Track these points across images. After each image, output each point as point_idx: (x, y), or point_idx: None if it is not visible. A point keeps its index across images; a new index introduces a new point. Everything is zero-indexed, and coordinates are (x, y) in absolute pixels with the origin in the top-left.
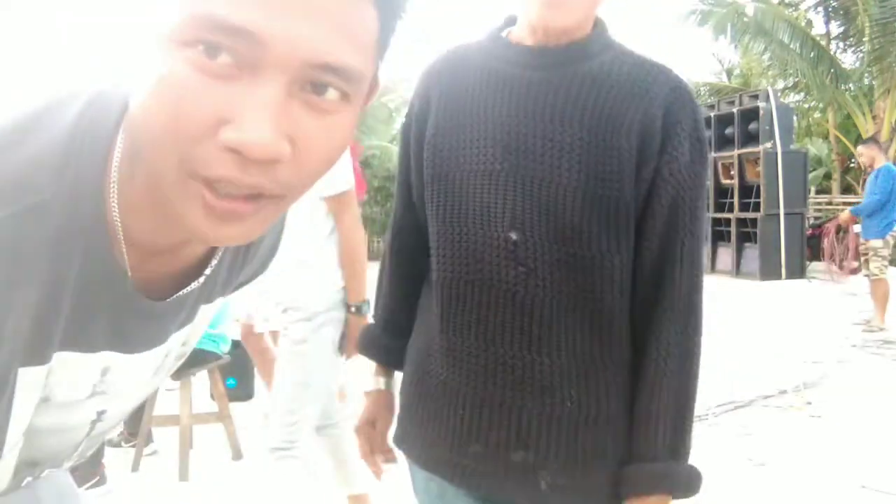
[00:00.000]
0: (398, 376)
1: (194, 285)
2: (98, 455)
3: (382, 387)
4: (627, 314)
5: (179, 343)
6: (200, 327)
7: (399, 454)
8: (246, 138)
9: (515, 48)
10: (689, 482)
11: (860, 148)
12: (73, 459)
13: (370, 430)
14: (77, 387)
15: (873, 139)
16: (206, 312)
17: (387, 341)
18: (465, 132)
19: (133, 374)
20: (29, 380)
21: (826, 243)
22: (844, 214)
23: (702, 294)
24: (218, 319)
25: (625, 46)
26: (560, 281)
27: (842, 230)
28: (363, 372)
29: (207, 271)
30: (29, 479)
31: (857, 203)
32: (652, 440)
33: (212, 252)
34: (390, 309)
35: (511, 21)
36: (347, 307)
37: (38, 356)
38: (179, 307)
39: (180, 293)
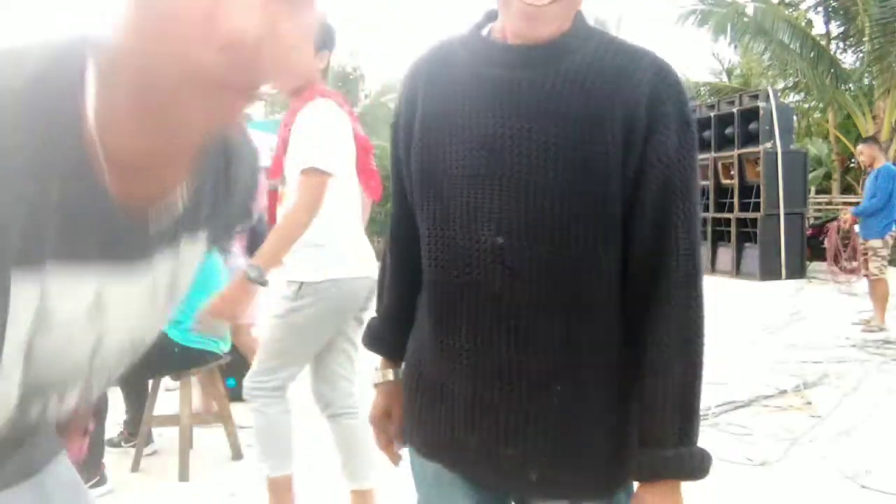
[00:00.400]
0: None
1: (174, 202)
2: (98, 455)
3: (391, 377)
4: (617, 307)
5: (168, 273)
6: (188, 266)
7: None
8: (236, 26)
9: (497, 47)
10: (700, 465)
11: (860, 147)
12: (79, 395)
13: (386, 421)
14: (73, 305)
15: (873, 138)
16: (191, 249)
17: (392, 337)
18: (450, 136)
19: (126, 300)
20: (24, 288)
21: (828, 244)
22: (846, 215)
23: (701, 277)
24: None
25: (606, 34)
26: (547, 282)
27: (842, 230)
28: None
29: (184, 190)
30: (38, 411)
31: (858, 203)
32: (659, 426)
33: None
34: (395, 307)
35: (492, 16)
36: (247, 269)
37: (29, 258)
38: (163, 227)
39: (162, 209)
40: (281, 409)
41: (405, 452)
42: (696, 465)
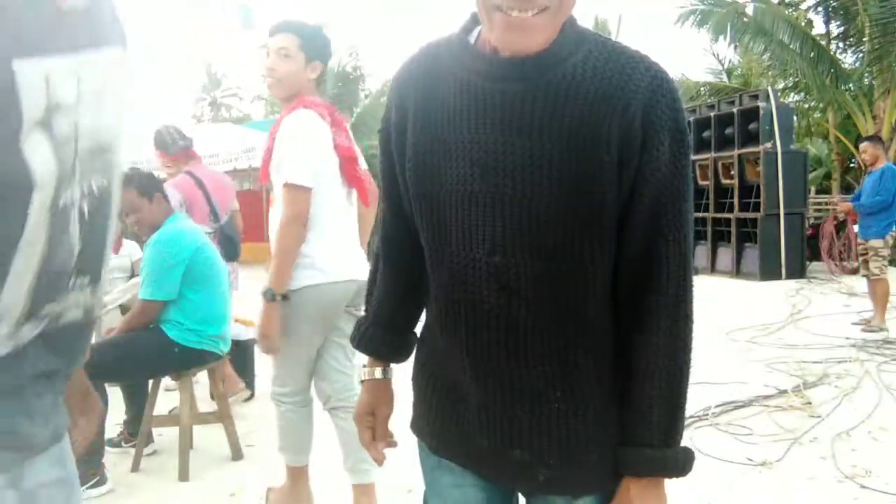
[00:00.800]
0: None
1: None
2: (98, 455)
3: (379, 376)
4: (612, 316)
5: (104, 77)
6: (118, 81)
7: (403, 440)
8: None
9: (486, 59)
10: (683, 464)
11: (865, 144)
12: (82, 198)
13: (370, 418)
14: (67, 91)
15: (878, 137)
16: (119, 64)
17: (380, 337)
18: (443, 151)
19: (90, 88)
20: (29, 74)
21: (822, 235)
22: (845, 205)
23: (691, 289)
24: (220, 320)
25: (598, 36)
26: (543, 297)
27: (841, 226)
28: None
29: None
30: (64, 202)
31: None
32: (646, 427)
33: None
34: (383, 308)
35: (478, 18)
36: (263, 294)
37: (25, 51)
38: (68, 16)
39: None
40: (299, 415)
41: (412, 450)
42: (680, 465)
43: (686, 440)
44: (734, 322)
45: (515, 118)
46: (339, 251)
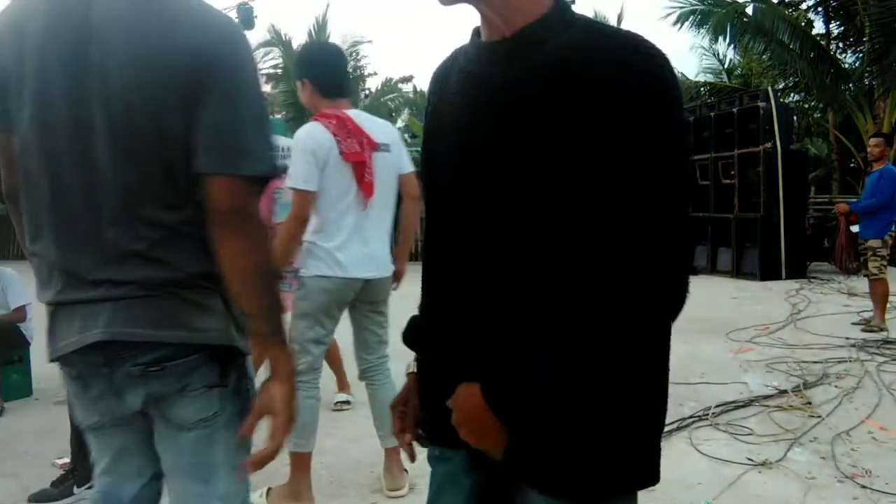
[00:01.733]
0: None
1: None
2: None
3: (415, 370)
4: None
5: None
6: None
7: None
8: None
9: (479, 46)
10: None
11: (877, 139)
12: None
13: (402, 409)
14: None
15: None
16: None
17: (420, 334)
18: (441, 139)
19: None
20: None
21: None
22: (842, 206)
23: (675, 253)
24: None
25: (592, 22)
26: (513, 282)
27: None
28: None
29: None
30: None
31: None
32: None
33: None
34: (425, 304)
35: None
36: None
37: None
38: None
39: None
40: (305, 394)
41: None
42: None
43: (686, 440)
44: (734, 322)
45: (487, 103)
46: (350, 250)
